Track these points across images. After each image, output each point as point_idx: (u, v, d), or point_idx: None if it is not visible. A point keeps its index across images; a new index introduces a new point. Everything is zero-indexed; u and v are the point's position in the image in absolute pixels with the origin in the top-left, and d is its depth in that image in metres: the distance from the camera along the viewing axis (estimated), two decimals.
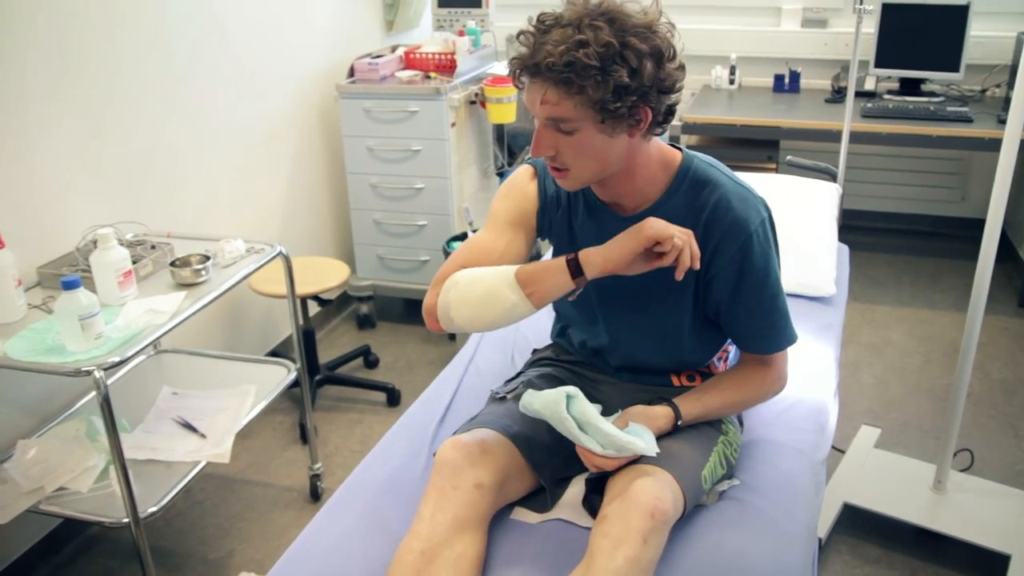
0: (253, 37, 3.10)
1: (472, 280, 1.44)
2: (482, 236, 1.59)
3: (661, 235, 1.34)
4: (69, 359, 1.83)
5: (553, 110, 1.32)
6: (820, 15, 4.12)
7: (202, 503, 2.66)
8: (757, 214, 1.49)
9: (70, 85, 2.35)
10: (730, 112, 3.88)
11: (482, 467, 1.40)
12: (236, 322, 3.16)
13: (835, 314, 2.27)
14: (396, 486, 1.57)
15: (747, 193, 1.50)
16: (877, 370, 3.23)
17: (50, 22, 2.27)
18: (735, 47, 4.22)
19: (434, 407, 1.83)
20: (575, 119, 1.33)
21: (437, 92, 3.33)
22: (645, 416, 1.49)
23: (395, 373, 3.37)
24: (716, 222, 1.47)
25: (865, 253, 4.21)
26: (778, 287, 1.53)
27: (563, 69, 1.29)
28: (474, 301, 1.43)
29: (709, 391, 1.56)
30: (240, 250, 2.34)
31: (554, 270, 1.39)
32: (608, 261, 1.37)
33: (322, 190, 3.65)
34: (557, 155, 1.38)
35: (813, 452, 1.67)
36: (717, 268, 1.49)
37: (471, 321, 1.45)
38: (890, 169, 4.33)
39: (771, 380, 1.59)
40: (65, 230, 2.36)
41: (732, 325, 1.56)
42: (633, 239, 1.36)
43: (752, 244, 1.47)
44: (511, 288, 1.40)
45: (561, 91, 1.30)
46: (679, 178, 1.51)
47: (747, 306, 1.51)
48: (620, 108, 1.32)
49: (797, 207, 2.51)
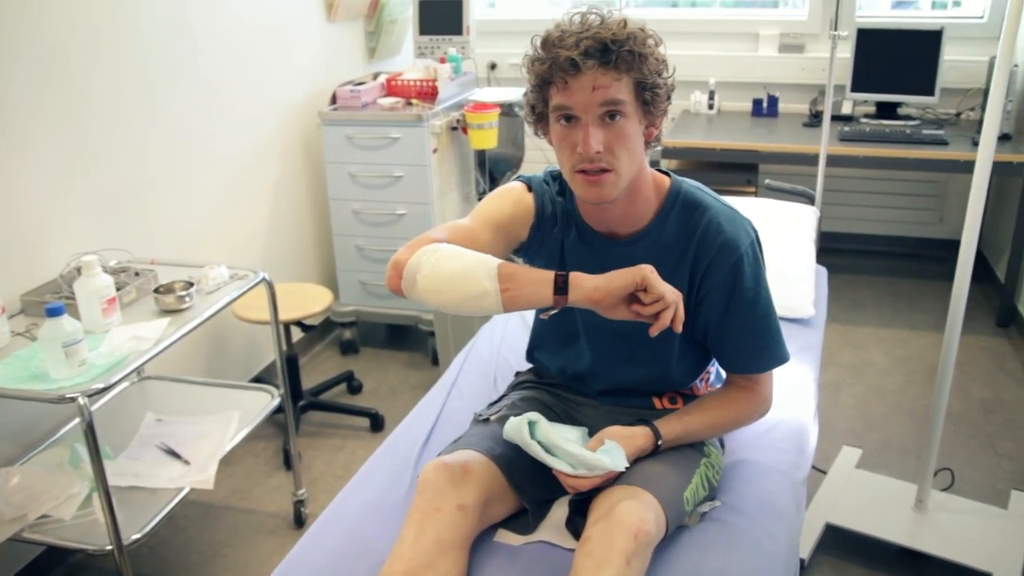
0: (236, 64, 3.13)
1: (452, 254, 1.41)
2: (467, 223, 1.56)
3: (653, 280, 1.33)
4: (53, 386, 1.83)
5: (607, 93, 1.36)
6: (797, 40, 4.19)
7: (186, 530, 2.65)
8: (746, 235, 1.53)
9: (52, 111, 2.36)
10: (709, 136, 3.93)
11: (465, 489, 1.41)
12: (219, 348, 3.16)
13: (814, 335, 2.31)
14: (380, 509, 1.58)
15: (735, 215, 1.55)
16: (858, 391, 3.26)
17: (32, 48, 2.28)
18: (714, 72, 4.27)
19: (417, 431, 1.84)
20: (626, 101, 1.37)
21: (419, 119, 3.36)
22: (624, 435, 1.50)
23: (378, 398, 3.37)
24: (707, 243, 1.50)
25: (845, 275, 4.26)
26: (769, 306, 1.55)
27: (625, 40, 1.35)
28: (446, 273, 1.38)
29: (691, 413, 1.58)
30: (224, 276, 2.35)
31: (538, 279, 1.37)
32: (598, 291, 1.35)
33: (305, 216, 3.67)
34: (604, 151, 1.39)
35: (793, 472, 1.69)
36: (708, 288, 1.52)
37: (435, 292, 1.39)
38: (868, 192, 4.39)
39: (755, 403, 1.60)
40: (48, 257, 2.36)
41: (723, 345, 1.58)
42: (628, 274, 1.34)
43: (743, 264, 1.50)
44: (489, 277, 1.36)
45: (614, 72, 1.36)
46: (669, 201, 1.54)
47: (738, 325, 1.54)
48: (661, 89, 1.40)
49: (776, 230, 2.54)
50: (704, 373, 1.71)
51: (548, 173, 1.64)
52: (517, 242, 1.61)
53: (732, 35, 4.31)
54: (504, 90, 3.89)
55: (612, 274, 1.37)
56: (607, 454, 1.43)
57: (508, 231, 1.58)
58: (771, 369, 1.59)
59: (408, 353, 3.73)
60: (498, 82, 4.52)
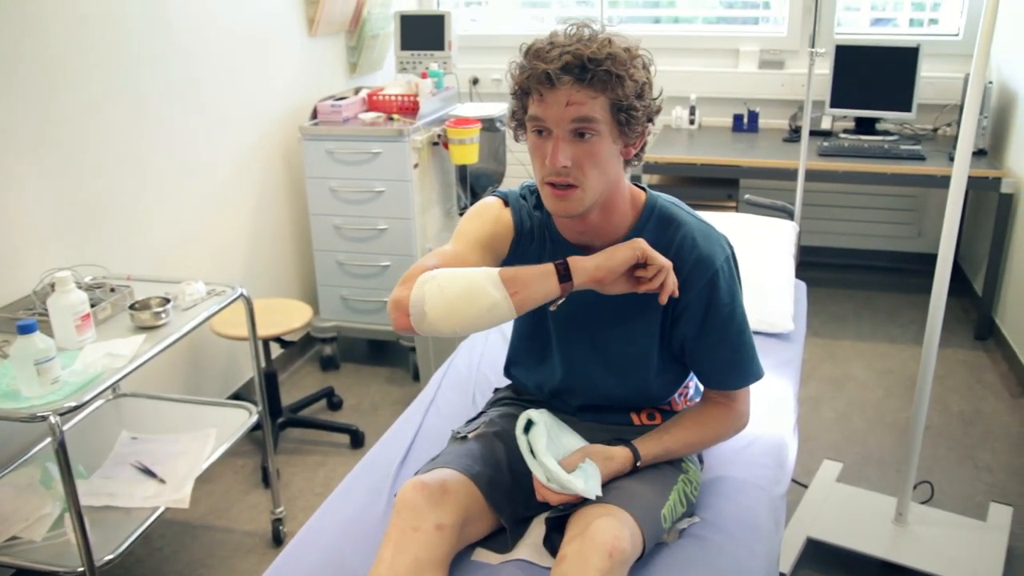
0: (216, 78, 3.11)
1: (451, 276, 1.40)
2: (452, 248, 1.55)
3: (651, 253, 1.40)
4: (24, 404, 1.80)
5: (580, 110, 1.35)
6: (777, 56, 4.22)
7: (161, 550, 2.61)
8: (721, 250, 1.53)
9: (26, 125, 2.34)
10: (691, 151, 3.95)
11: (443, 508, 1.39)
12: (197, 365, 3.13)
13: (793, 350, 2.31)
14: (357, 528, 1.56)
15: (710, 230, 1.55)
16: (839, 405, 3.27)
17: (7, 62, 2.26)
18: (695, 88, 4.30)
19: (395, 448, 1.82)
20: (599, 120, 1.37)
21: (400, 134, 3.35)
22: (603, 455, 1.49)
23: (359, 414, 3.35)
24: (682, 259, 1.50)
25: (825, 289, 4.28)
26: (744, 322, 1.56)
27: (603, 60, 1.34)
28: (452, 295, 1.37)
29: (669, 430, 1.57)
30: (201, 292, 2.32)
31: (541, 273, 1.39)
32: (600, 269, 1.39)
33: (285, 231, 3.65)
34: (572, 167, 1.38)
35: (772, 488, 1.68)
36: (684, 304, 1.52)
37: (446, 317, 1.37)
38: (848, 206, 4.42)
39: (732, 419, 1.60)
40: (22, 273, 2.33)
41: (698, 361, 1.58)
42: (628, 248, 1.41)
43: (718, 279, 1.50)
44: (495, 286, 1.36)
45: (589, 90, 1.35)
46: (644, 216, 1.55)
47: (713, 341, 1.54)
48: (638, 112, 1.40)
49: (755, 245, 2.55)
50: (683, 387, 1.71)
51: (525, 187, 1.64)
52: (500, 259, 1.60)
53: (713, 51, 4.34)
54: (486, 105, 3.90)
55: (611, 251, 1.42)
56: (583, 476, 1.42)
57: (492, 248, 1.58)
58: (747, 385, 1.59)
59: (389, 368, 3.71)
60: (480, 97, 4.52)
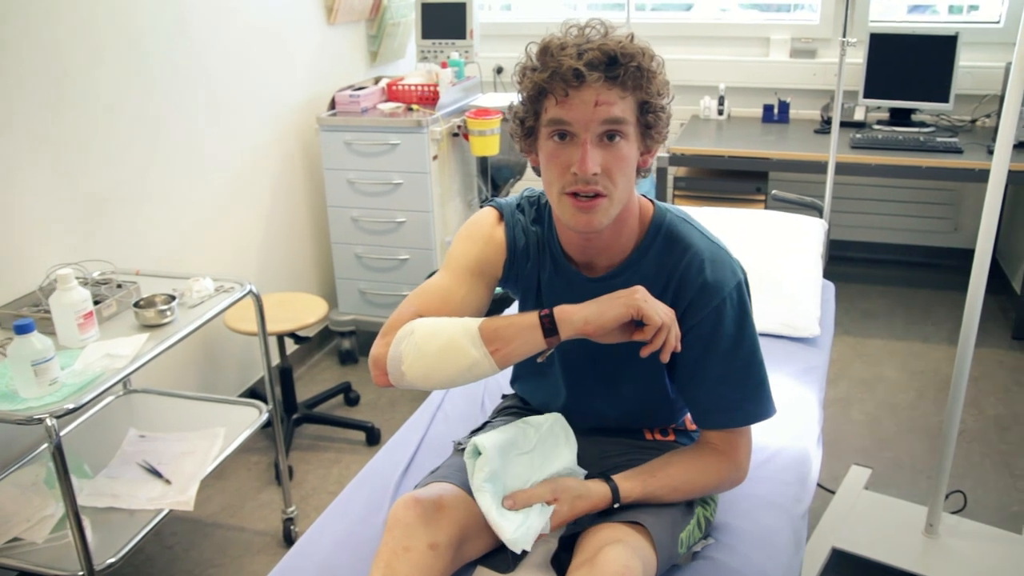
0: (232, 69, 3.06)
1: (430, 332, 1.33)
2: (440, 281, 1.47)
3: (649, 310, 1.27)
4: (21, 406, 1.76)
5: (611, 110, 1.26)
6: (809, 45, 4.09)
7: (172, 548, 2.58)
8: (732, 276, 1.39)
9: (36, 118, 2.30)
10: (719, 143, 3.84)
11: (437, 526, 1.32)
12: (213, 360, 3.09)
13: (819, 355, 2.20)
14: (353, 543, 1.50)
15: (721, 254, 1.42)
16: (869, 407, 3.16)
17: (17, 56, 2.22)
18: (724, 77, 4.18)
19: (398, 456, 1.76)
20: (627, 121, 1.28)
21: (418, 125, 3.28)
22: (575, 493, 1.37)
23: (376, 411, 3.30)
24: (687, 284, 1.39)
25: (857, 285, 4.15)
26: (752, 355, 1.41)
27: (635, 55, 1.26)
28: (430, 355, 1.30)
29: (656, 474, 1.42)
30: (209, 289, 2.28)
31: (524, 327, 1.28)
32: (589, 323, 1.27)
33: (303, 224, 3.60)
34: (601, 174, 1.28)
35: (794, 506, 1.59)
36: (684, 331, 1.39)
37: (425, 377, 1.32)
38: (881, 200, 4.28)
39: (727, 470, 1.45)
40: (31, 268, 2.29)
41: (695, 395, 1.44)
42: (621, 305, 1.27)
43: (724, 309, 1.37)
44: (473, 343, 1.28)
45: (619, 89, 1.26)
46: (651, 233, 1.43)
47: (714, 375, 1.40)
48: (661, 112, 1.32)
49: (781, 244, 2.45)
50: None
51: (524, 198, 1.53)
52: (495, 281, 1.51)
53: (743, 39, 4.21)
54: (508, 95, 3.81)
55: (603, 305, 1.29)
56: (519, 521, 1.30)
57: (483, 274, 1.48)
58: (746, 425, 1.44)
59: None
60: (504, 87, 4.44)
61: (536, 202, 1.51)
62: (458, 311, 1.42)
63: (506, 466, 1.36)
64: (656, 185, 3.84)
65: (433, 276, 1.50)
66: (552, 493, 1.35)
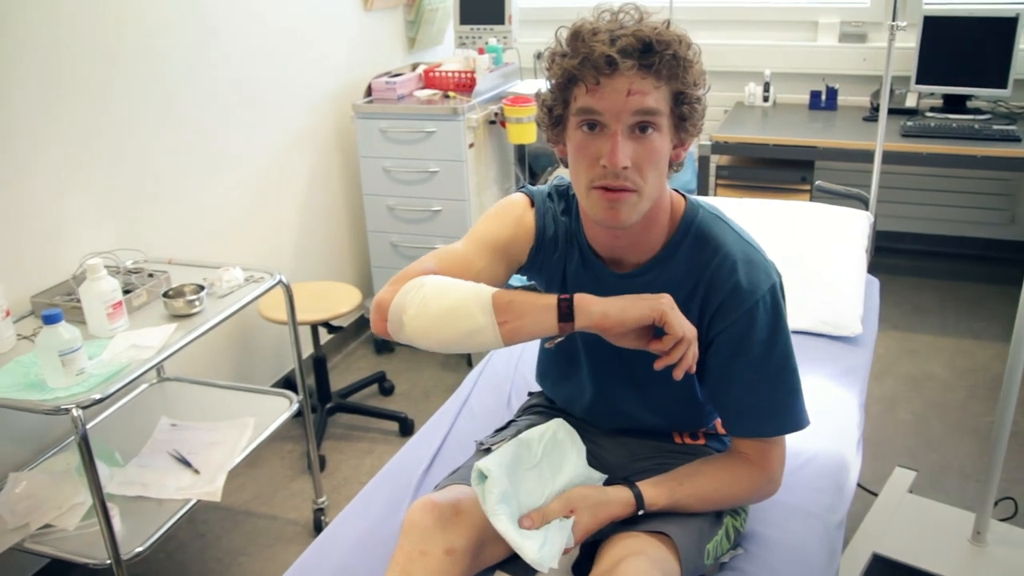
0: (268, 57, 3.04)
1: (440, 289, 1.26)
2: (461, 248, 1.40)
3: (673, 318, 1.20)
4: (48, 396, 1.76)
5: (644, 100, 1.19)
6: (859, 29, 3.95)
7: (204, 536, 2.59)
8: (766, 279, 1.32)
9: (71, 106, 2.30)
10: (763, 131, 3.73)
11: (455, 531, 1.28)
12: (248, 349, 3.09)
13: (861, 355, 2.11)
14: (371, 543, 1.47)
15: (756, 254, 1.35)
16: (916, 406, 3.06)
17: (45, 46, 2.22)
18: (770, 62, 4.06)
19: (422, 452, 1.73)
20: (661, 112, 1.22)
21: (454, 112, 3.24)
22: (593, 502, 1.31)
23: (410, 401, 3.28)
24: (718, 285, 1.32)
25: (906, 278, 4.02)
26: (784, 361, 1.34)
27: (671, 43, 1.19)
28: (435, 312, 1.24)
29: (683, 483, 1.36)
30: (238, 279, 2.27)
31: (540, 306, 1.21)
32: (607, 318, 1.20)
33: (339, 212, 3.58)
34: (632, 168, 1.21)
35: (828, 515, 1.52)
36: (714, 334, 1.33)
37: (424, 333, 1.25)
38: (934, 190, 4.14)
39: (759, 481, 1.38)
40: (68, 256, 2.30)
41: (724, 401, 1.38)
42: (646, 307, 1.20)
43: (757, 313, 1.30)
44: (483, 310, 1.21)
45: (653, 78, 1.20)
46: (682, 230, 1.36)
47: (743, 381, 1.34)
48: (697, 104, 1.25)
49: (823, 238, 2.36)
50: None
51: (554, 187, 1.48)
52: (517, 265, 1.45)
53: (789, 23, 4.09)
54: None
55: (627, 302, 1.22)
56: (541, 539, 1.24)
57: (508, 254, 1.42)
58: (777, 435, 1.37)
59: (443, 355, 3.63)
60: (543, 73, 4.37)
61: (565, 193, 1.46)
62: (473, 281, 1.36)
63: (517, 484, 1.30)
64: (698, 174, 3.76)
65: (451, 245, 1.43)
66: (567, 505, 1.30)
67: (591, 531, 1.30)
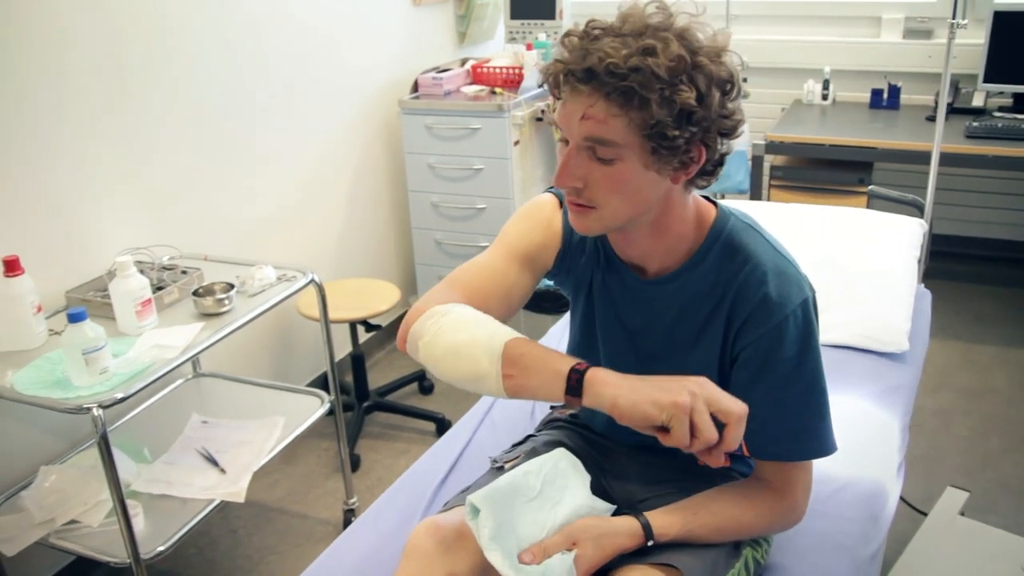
0: (314, 53, 3.04)
1: (458, 323, 1.20)
2: (492, 262, 1.35)
3: (679, 428, 1.04)
4: (71, 395, 1.77)
5: (596, 128, 1.10)
6: (925, 25, 3.79)
7: (236, 532, 2.59)
8: (798, 292, 1.23)
9: (113, 102, 2.32)
10: (821, 130, 3.60)
11: (457, 555, 1.23)
12: (287, 346, 3.09)
13: (907, 373, 2.00)
14: (377, 561, 1.43)
15: (788, 267, 1.26)
16: (973, 420, 2.92)
17: (86, 42, 2.23)
18: (830, 59, 3.92)
19: (440, 464, 1.68)
20: (620, 144, 1.11)
21: (500, 109, 3.18)
22: (596, 533, 1.23)
23: (449, 401, 3.24)
24: (746, 297, 1.24)
25: (967, 284, 3.85)
26: (813, 384, 1.26)
27: (627, 74, 1.07)
28: (444, 347, 1.19)
29: (697, 512, 1.28)
30: (270, 278, 2.25)
31: (550, 370, 1.12)
32: (616, 408, 1.07)
33: (384, 208, 3.56)
34: (585, 188, 1.14)
35: (860, 547, 1.43)
36: (740, 349, 1.26)
37: (434, 365, 1.22)
38: (1000, 193, 3.95)
39: (781, 510, 1.30)
40: (105, 252, 2.32)
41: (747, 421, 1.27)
42: (652, 405, 1.05)
43: (786, 328, 1.22)
44: (490, 358, 1.14)
45: (614, 106, 1.09)
46: (711, 239, 1.28)
47: (768, 400, 1.25)
48: (678, 139, 1.10)
49: (872, 247, 2.24)
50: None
51: None
52: (544, 271, 1.39)
53: (851, 19, 3.94)
54: None
55: (640, 395, 1.06)
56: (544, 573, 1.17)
57: (535, 260, 1.36)
58: (800, 460, 1.29)
59: None
60: None
61: None
62: (506, 296, 1.33)
63: (516, 517, 1.24)
64: (751, 174, 3.64)
65: (484, 253, 1.38)
66: (569, 538, 1.23)
67: (596, 564, 1.23)
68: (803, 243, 2.20)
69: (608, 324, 1.39)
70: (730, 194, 3.80)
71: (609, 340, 1.40)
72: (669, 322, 1.32)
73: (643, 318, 1.34)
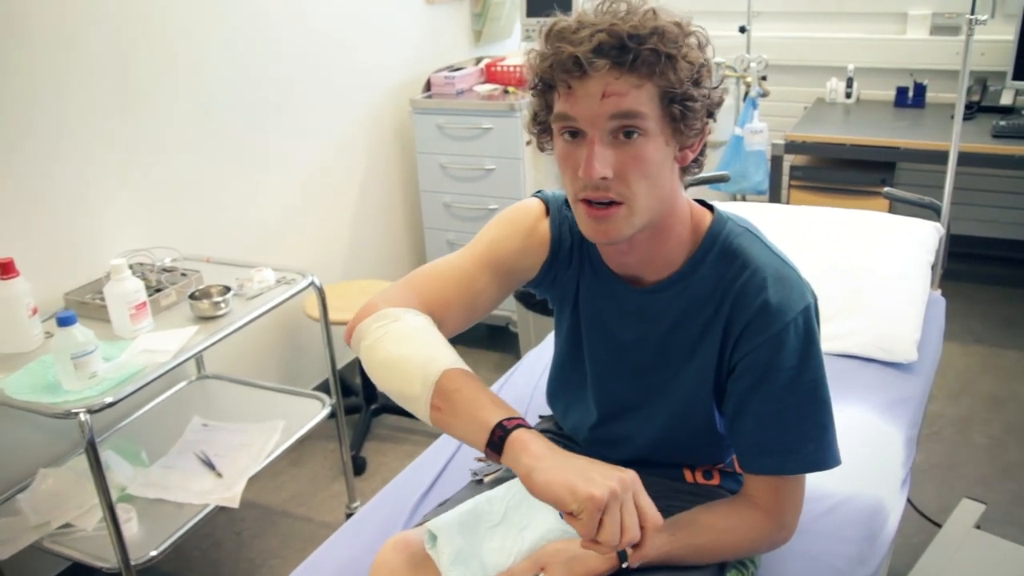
0: (325, 51, 3.02)
1: (402, 335, 1.17)
2: (461, 264, 1.29)
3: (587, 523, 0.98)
4: (59, 399, 1.75)
5: (622, 103, 1.05)
6: (952, 21, 3.68)
7: (240, 534, 2.58)
8: (800, 299, 1.18)
9: (116, 104, 2.31)
10: (844, 129, 3.52)
11: (427, 573, 1.19)
12: (295, 348, 3.08)
13: (915, 385, 1.91)
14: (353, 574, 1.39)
15: (789, 273, 1.20)
16: (994, 429, 2.82)
17: (100, 46, 2.23)
18: (853, 57, 3.83)
19: (423, 475, 1.64)
20: (646, 115, 1.06)
21: (511, 108, 3.14)
22: (567, 556, 1.19)
23: None
24: (744, 304, 1.18)
25: (992, 288, 3.74)
26: (814, 393, 1.20)
27: (649, 35, 1.04)
28: (382, 356, 1.16)
29: (676, 532, 1.20)
30: (269, 280, 2.23)
31: (477, 418, 1.07)
32: (529, 479, 1.01)
33: (396, 208, 3.54)
34: (614, 178, 1.08)
35: (854, 569, 1.36)
36: (738, 359, 1.20)
37: (371, 369, 1.19)
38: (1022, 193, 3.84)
39: (766, 529, 1.24)
40: (106, 253, 2.31)
41: (742, 432, 1.23)
42: (569, 493, 0.98)
43: (786, 336, 1.16)
44: (423, 384, 1.11)
45: (632, 76, 1.05)
46: (707, 243, 1.23)
47: (765, 411, 1.20)
48: (695, 104, 1.08)
49: (883, 251, 2.16)
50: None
51: None
52: (524, 279, 1.33)
53: (876, 15, 3.84)
54: None
55: (563, 471, 1.00)
56: None
57: (510, 269, 1.30)
58: (801, 472, 1.22)
59: (499, 354, 3.55)
60: None
61: None
62: (470, 304, 1.28)
63: (479, 543, 1.19)
64: (770, 174, 3.57)
65: (456, 253, 1.32)
66: (537, 563, 1.18)
67: None
68: (809, 247, 2.13)
69: (596, 338, 1.34)
70: (749, 195, 3.73)
71: (597, 354, 1.35)
72: (664, 332, 1.27)
73: (635, 330, 1.28)
